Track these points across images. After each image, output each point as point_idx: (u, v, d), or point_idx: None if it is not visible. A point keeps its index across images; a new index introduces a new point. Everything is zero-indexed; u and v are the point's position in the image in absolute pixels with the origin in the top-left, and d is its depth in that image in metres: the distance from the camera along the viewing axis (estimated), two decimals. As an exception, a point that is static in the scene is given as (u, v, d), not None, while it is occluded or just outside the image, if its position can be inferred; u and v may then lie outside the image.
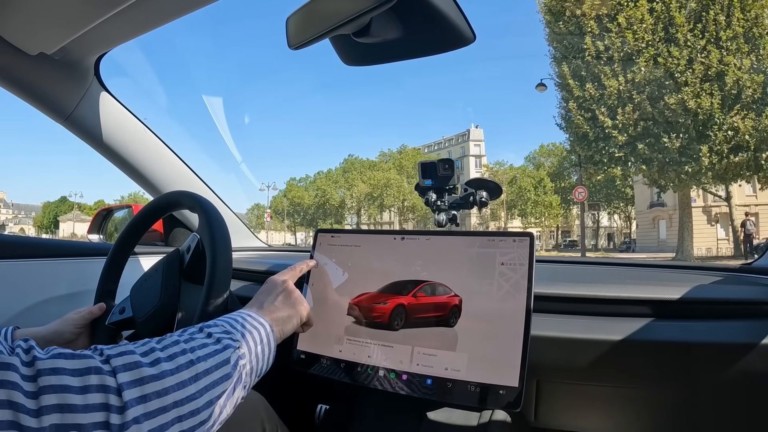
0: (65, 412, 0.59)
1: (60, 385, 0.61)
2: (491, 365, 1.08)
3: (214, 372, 0.78)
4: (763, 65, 18.82)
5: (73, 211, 66.15)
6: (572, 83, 22.44)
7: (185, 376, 0.73)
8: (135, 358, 0.70)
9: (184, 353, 0.76)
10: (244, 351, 0.86)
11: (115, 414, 0.63)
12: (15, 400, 0.57)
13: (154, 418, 0.67)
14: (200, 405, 0.73)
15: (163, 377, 0.70)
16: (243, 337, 0.89)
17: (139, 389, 0.67)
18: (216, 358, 0.80)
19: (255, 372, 0.90)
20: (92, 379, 0.64)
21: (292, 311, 1.07)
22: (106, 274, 1.45)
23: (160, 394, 0.68)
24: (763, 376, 1.11)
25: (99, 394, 0.63)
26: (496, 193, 1.44)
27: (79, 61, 1.59)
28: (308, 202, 56.68)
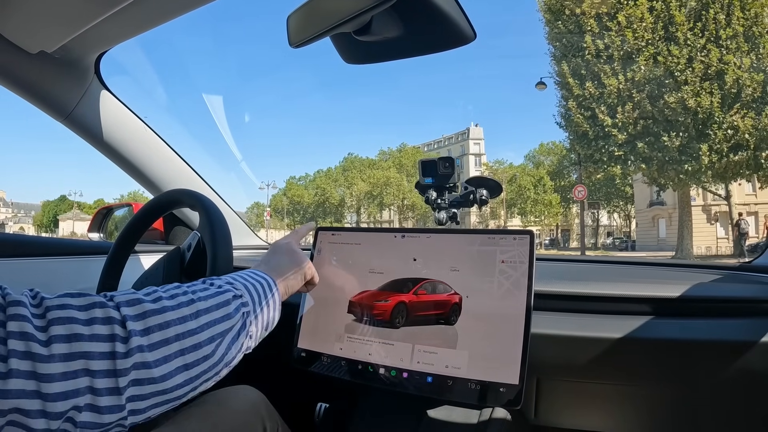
0: (73, 341, 0.63)
1: (67, 317, 0.64)
2: (492, 363, 1.08)
3: (215, 311, 0.80)
4: (763, 64, 18.83)
5: (73, 210, 66.08)
6: (572, 82, 22.43)
7: (186, 311, 0.76)
8: (137, 295, 0.74)
9: (185, 293, 0.79)
10: (246, 299, 0.88)
11: (120, 343, 0.66)
12: (27, 331, 0.60)
13: (158, 349, 0.70)
14: (202, 340, 0.76)
15: (164, 311, 0.73)
16: (245, 288, 0.90)
17: (142, 322, 0.70)
18: (216, 299, 0.82)
19: (261, 324, 0.92)
20: (97, 312, 0.67)
21: (296, 268, 1.10)
22: (107, 273, 1.45)
23: (161, 327, 0.71)
24: (762, 374, 1.11)
25: (104, 326, 0.66)
26: (497, 192, 1.43)
27: (79, 60, 1.59)
28: (308, 200, 56.71)
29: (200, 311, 0.78)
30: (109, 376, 0.65)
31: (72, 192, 72.45)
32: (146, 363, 0.68)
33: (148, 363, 0.68)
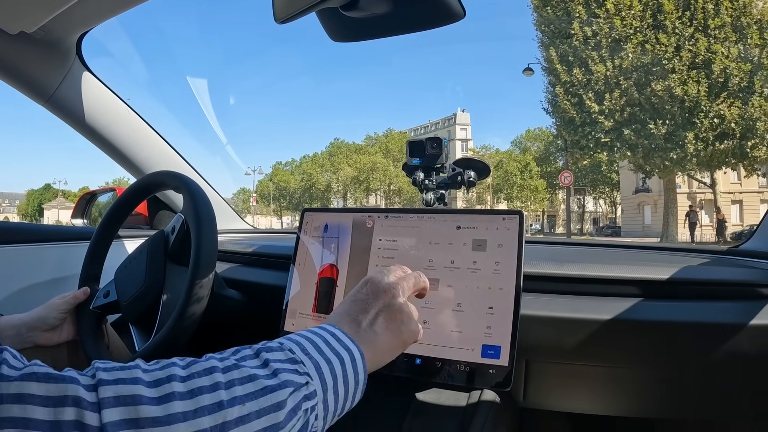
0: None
1: (22, 419, 0.46)
2: (480, 344, 1.07)
3: (255, 421, 0.55)
4: (750, 54, 18.92)
5: (58, 198, 65.64)
6: (560, 68, 22.55)
7: (205, 423, 0.52)
8: (136, 389, 0.52)
9: (215, 389, 0.55)
10: (314, 387, 0.62)
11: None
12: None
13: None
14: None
15: (171, 423, 0.50)
16: (317, 368, 0.64)
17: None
18: (262, 401, 0.57)
19: (332, 414, 0.66)
20: (67, 413, 0.47)
21: (395, 340, 0.79)
22: (90, 258, 1.43)
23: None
24: (749, 357, 1.11)
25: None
26: (484, 173, 1.42)
27: (60, 40, 1.56)
28: (294, 186, 56.76)
29: (228, 424, 0.53)
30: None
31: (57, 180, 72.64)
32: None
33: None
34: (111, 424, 0.48)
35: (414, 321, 0.82)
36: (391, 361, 0.80)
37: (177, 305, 1.15)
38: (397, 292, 0.81)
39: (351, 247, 1.26)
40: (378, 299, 0.80)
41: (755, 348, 1.10)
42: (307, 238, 1.33)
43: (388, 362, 0.79)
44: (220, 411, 0.53)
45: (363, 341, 0.73)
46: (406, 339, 0.80)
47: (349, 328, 0.74)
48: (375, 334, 0.76)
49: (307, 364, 0.64)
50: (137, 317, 1.30)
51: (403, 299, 0.82)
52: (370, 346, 0.74)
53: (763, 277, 1.18)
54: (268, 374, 0.60)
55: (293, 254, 1.33)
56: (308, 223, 1.35)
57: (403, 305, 0.81)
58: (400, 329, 0.79)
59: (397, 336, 0.78)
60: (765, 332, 1.09)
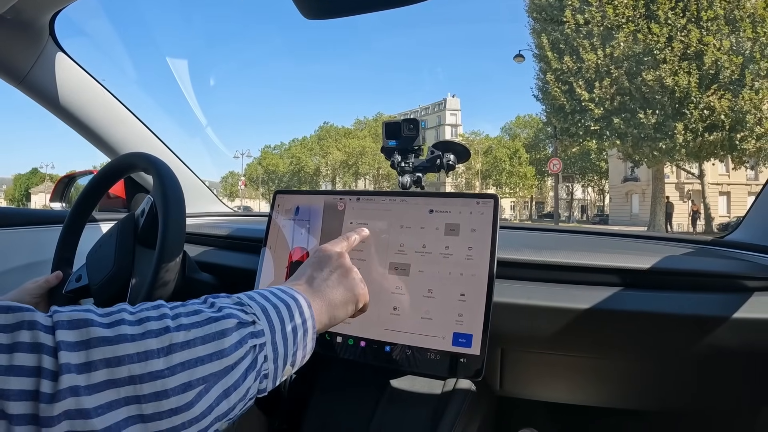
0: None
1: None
2: (452, 332, 1.04)
3: (200, 346, 0.59)
4: (742, 47, 18.99)
5: (45, 183, 65.52)
6: (551, 55, 22.61)
7: (152, 345, 0.56)
8: (87, 315, 0.55)
9: (161, 318, 0.59)
10: (261, 326, 0.66)
11: (47, 380, 0.48)
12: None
13: (100, 393, 0.50)
14: (170, 386, 0.55)
15: (119, 342, 0.54)
16: (263, 311, 0.69)
17: (83, 353, 0.51)
18: (206, 329, 0.61)
19: (282, 358, 0.69)
20: (23, 335, 0.50)
21: (349, 295, 0.87)
22: (63, 242, 1.40)
23: (110, 363, 0.52)
24: (731, 350, 1.10)
25: (29, 355, 0.49)
26: (464, 157, 1.39)
27: (32, 21, 1.51)
28: (283, 169, 56.86)
29: (174, 346, 0.57)
30: (29, 424, 0.47)
31: (44, 164, 72.02)
32: (83, 411, 0.49)
33: (85, 411, 0.49)
34: (64, 343, 0.51)
35: (361, 279, 0.91)
36: (363, 343, 0.86)
37: (143, 289, 1.12)
38: (343, 258, 0.91)
39: (322, 229, 1.23)
40: (330, 260, 0.90)
41: (738, 341, 1.08)
42: (279, 220, 1.30)
43: (342, 318, 0.86)
44: (167, 334, 0.57)
45: (316, 294, 0.82)
46: (358, 294, 0.88)
47: (303, 285, 0.83)
48: (328, 287, 0.85)
49: (254, 307, 0.69)
50: (107, 301, 1.26)
51: (349, 262, 0.91)
52: (324, 298, 0.82)
53: (748, 268, 1.16)
54: (214, 310, 0.65)
55: (264, 237, 1.31)
56: (280, 205, 1.31)
57: (352, 267, 0.91)
58: (352, 285, 0.88)
59: (350, 290, 0.87)
60: (748, 326, 1.07)
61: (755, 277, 1.14)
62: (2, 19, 1.43)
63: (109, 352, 0.53)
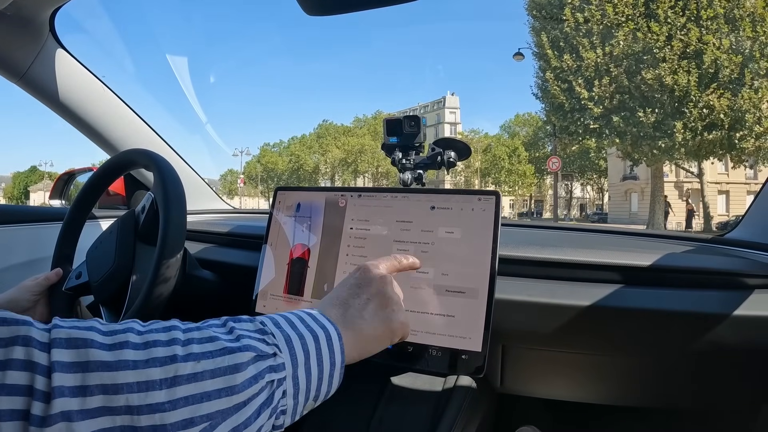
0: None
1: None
2: (453, 329, 1.04)
3: (208, 380, 0.53)
4: (742, 46, 18.97)
5: (44, 181, 65.43)
6: (550, 53, 22.57)
7: (155, 374, 0.51)
8: (89, 334, 0.51)
9: (170, 344, 0.54)
10: (282, 360, 0.60)
11: (39, 402, 0.45)
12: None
13: (94, 419, 0.47)
14: (169, 421, 0.50)
15: (119, 368, 0.50)
16: (287, 341, 0.62)
17: (79, 376, 0.48)
18: (218, 361, 0.55)
19: (303, 394, 0.63)
20: (17, 351, 0.47)
21: (385, 329, 0.77)
22: (63, 239, 1.40)
23: (107, 390, 0.48)
24: (731, 347, 1.10)
25: (21, 373, 0.46)
26: (465, 154, 1.38)
27: (33, 17, 1.50)
28: (282, 167, 56.79)
29: (179, 378, 0.52)
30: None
31: (43, 162, 71.87)
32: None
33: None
34: (59, 364, 0.47)
35: (404, 312, 0.81)
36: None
37: (144, 286, 1.12)
38: (385, 282, 0.81)
39: (323, 226, 1.23)
40: (370, 285, 0.79)
41: (738, 339, 1.08)
42: (280, 217, 1.30)
43: (374, 352, 0.77)
44: (172, 364, 0.52)
45: (349, 325, 0.72)
46: (395, 329, 0.78)
47: (336, 312, 0.74)
48: (363, 320, 0.74)
49: (277, 336, 0.62)
50: (107, 298, 1.27)
51: (392, 289, 0.81)
52: (357, 331, 0.73)
53: (748, 266, 1.16)
54: (231, 338, 0.59)
55: (265, 234, 1.30)
56: (281, 202, 1.31)
57: (393, 296, 0.80)
58: (390, 318, 0.77)
59: (386, 324, 0.77)
60: (749, 323, 1.07)
61: (755, 275, 1.14)
62: (2, 15, 1.42)
63: (107, 379, 0.49)
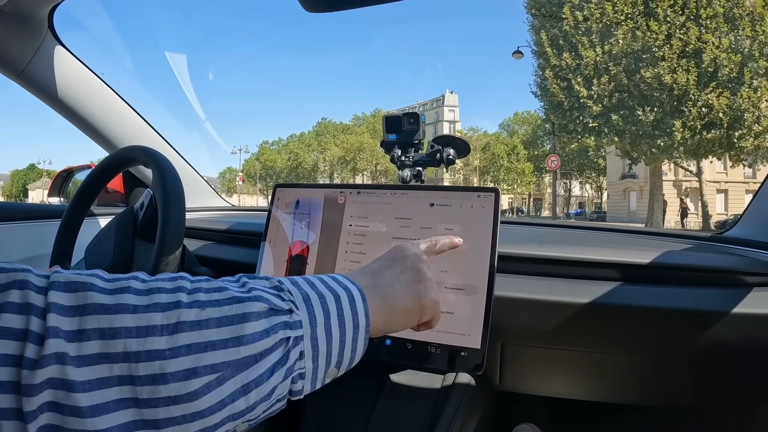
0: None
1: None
2: (452, 326, 1.04)
3: (213, 329, 0.49)
4: (741, 46, 18.97)
5: (42, 179, 65.23)
6: (549, 52, 22.53)
7: (156, 319, 0.47)
8: (90, 279, 0.48)
9: (175, 291, 0.50)
10: (298, 318, 0.56)
11: (32, 344, 0.42)
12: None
13: (91, 366, 0.44)
14: (169, 370, 0.46)
15: (118, 312, 0.46)
16: (305, 300, 0.58)
17: (76, 320, 0.44)
18: (224, 309, 0.51)
19: (324, 357, 0.58)
20: (13, 295, 0.44)
21: (415, 302, 0.73)
22: (61, 236, 1.40)
23: (104, 334, 0.45)
24: (730, 345, 1.10)
25: (17, 316, 0.43)
26: (464, 151, 1.38)
27: (31, 14, 1.51)
28: (281, 165, 56.75)
29: (182, 324, 0.48)
30: (10, 392, 0.41)
31: (41, 160, 71.58)
32: (67, 383, 0.43)
33: (70, 383, 0.43)
34: (55, 306, 0.44)
35: (436, 291, 0.77)
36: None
37: None
38: (421, 259, 0.78)
39: (322, 223, 1.23)
40: (405, 260, 0.76)
41: (737, 337, 1.08)
42: (278, 214, 1.30)
43: (401, 327, 0.73)
44: (175, 310, 0.48)
45: (376, 292, 0.68)
46: (426, 305, 0.74)
47: (364, 279, 0.69)
48: (392, 289, 0.71)
49: (294, 293, 0.58)
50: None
51: (427, 267, 0.78)
52: (385, 299, 0.69)
53: (747, 264, 1.17)
54: (242, 290, 0.55)
55: (264, 231, 1.30)
56: (280, 199, 1.31)
57: (428, 271, 0.77)
58: (422, 292, 0.74)
59: (417, 298, 0.73)
60: (748, 321, 1.07)
61: (754, 273, 1.14)
62: (1, 12, 1.42)
63: (104, 322, 0.45)
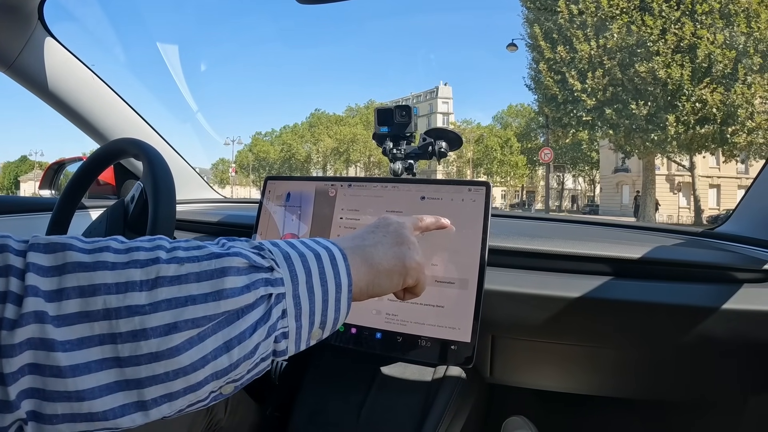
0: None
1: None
2: (443, 320, 1.05)
3: (193, 283, 0.48)
4: (736, 42, 19.00)
5: (34, 171, 64.91)
6: (544, 45, 22.54)
7: (135, 275, 0.46)
8: (68, 240, 0.47)
9: (154, 249, 0.49)
10: (279, 276, 0.54)
11: (11, 305, 0.42)
12: None
13: (71, 326, 0.43)
14: (150, 325, 0.45)
15: (97, 269, 0.45)
16: (285, 258, 0.56)
17: (55, 279, 0.44)
18: (203, 264, 0.50)
19: (306, 316, 0.57)
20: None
21: (398, 263, 0.70)
22: (52, 229, 1.38)
23: (83, 292, 0.44)
24: (720, 340, 1.10)
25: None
26: (456, 144, 1.38)
27: (21, 5, 1.49)
28: (274, 156, 56.61)
29: (161, 279, 0.47)
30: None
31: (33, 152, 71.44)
32: (47, 342, 0.42)
33: (50, 342, 0.42)
34: (34, 266, 0.44)
35: (420, 254, 0.75)
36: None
37: None
38: (405, 227, 0.76)
39: (313, 216, 1.23)
40: (389, 226, 0.75)
41: (727, 332, 1.09)
42: (269, 207, 1.30)
43: (385, 289, 0.70)
44: (154, 266, 0.47)
45: (360, 253, 0.67)
46: (409, 267, 0.71)
47: (347, 242, 0.68)
48: (375, 249, 0.69)
49: (275, 253, 0.56)
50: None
51: (410, 233, 0.76)
52: (367, 258, 0.67)
53: (738, 260, 1.17)
54: (221, 248, 0.53)
55: (255, 223, 1.30)
56: (271, 192, 1.31)
57: (411, 236, 0.75)
58: (405, 254, 0.72)
59: (400, 260, 0.71)
60: (738, 317, 1.07)
61: (745, 269, 1.14)
62: (-9, 5, 1.41)
63: (83, 279, 0.44)
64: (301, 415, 1.30)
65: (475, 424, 1.43)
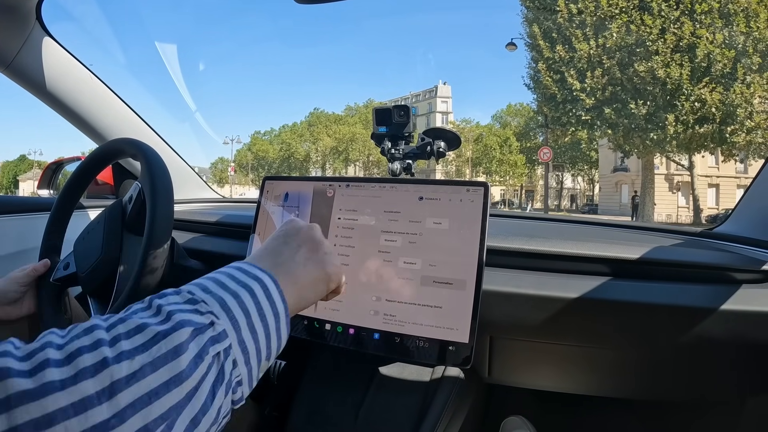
0: None
1: None
2: (441, 320, 1.04)
3: (150, 375, 0.45)
4: (735, 41, 19.00)
5: (33, 170, 64.79)
6: (543, 44, 22.55)
7: (89, 388, 0.42)
8: (3, 362, 0.42)
9: (96, 347, 0.45)
10: (221, 328, 0.53)
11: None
12: None
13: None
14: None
15: (46, 393, 0.41)
16: (222, 305, 0.55)
17: (3, 418, 0.39)
18: (154, 351, 0.47)
19: (254, 357, 0.56)
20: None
21: (320, 273, 0.72)
22: (50, 229, 1.38)
23: (39, 425, 0.39)
24: (719, 341, 1.10)
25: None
26: (455, 144, 1.38)
27: (19, 5, 1.48)
28: (273, 155, 56.64)
29: (117, 384, 0.43)
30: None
31: (32, 151, 71.20)
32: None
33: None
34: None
35: (336, 257, 0.76)
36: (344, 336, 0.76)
37: (131, 276, 1.10)
38: (314, 230, 0.76)
39: (311, 216, 1.23)
40: (299, 233, 0.74)
41: (726, 333, 1.09)
42: (268, 206, 1.30)
43: (312, 300, 0.72)
44: (105, 370, 0.43)
45: (283, 272, 0.66)
46: (330, 273, 0.73)
47: (267, 261, 0.68)
48: (296, 264, 0.69)
49: (210, 302, 0.54)
50: (95, 289, 1.26)
51: (320, 235, 0.76)
52: (292, 276, 0.67)
53: (736, 261, 1.17)
54: (161, 320, 0.50)
55: (253, 223, 1.30)
56: (269, 192, 1.31)
57: (322, 241, 0.76)
58: (324, 260, 0.73)
59: (321, 268, 0.72)
60: (736, 317, 1.07)
61: (744, 270, 1.14)
62: (-12, 5, 1.41)
63: (35, 411, 0.40)
64: (300, 415, 1.31)
65: (474, 424, 1.43)
